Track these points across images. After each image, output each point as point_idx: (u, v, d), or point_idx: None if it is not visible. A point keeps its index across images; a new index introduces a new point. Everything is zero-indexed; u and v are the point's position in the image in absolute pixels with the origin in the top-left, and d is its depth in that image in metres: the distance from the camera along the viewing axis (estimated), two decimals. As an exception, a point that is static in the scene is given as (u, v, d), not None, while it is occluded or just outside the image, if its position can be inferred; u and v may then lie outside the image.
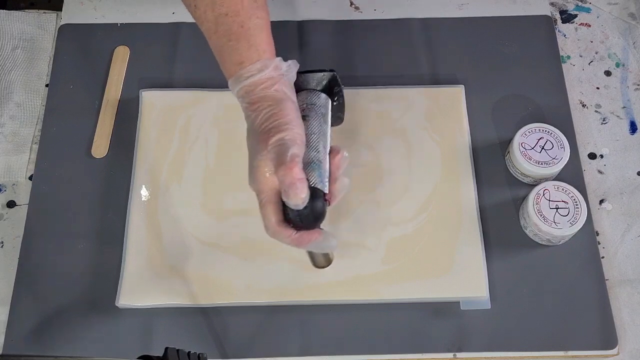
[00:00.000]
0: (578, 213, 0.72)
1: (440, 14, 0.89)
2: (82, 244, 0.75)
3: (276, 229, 0.60)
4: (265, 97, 0.61)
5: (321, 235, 0.61)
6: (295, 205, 0.58)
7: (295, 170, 0.57)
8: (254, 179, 0.61)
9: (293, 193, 0.57)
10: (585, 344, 0.70)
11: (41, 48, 0.87)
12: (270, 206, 0.60)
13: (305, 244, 0.61)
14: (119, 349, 0.70)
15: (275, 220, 0.60)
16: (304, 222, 0.60)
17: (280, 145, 0.59)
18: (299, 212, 0.59)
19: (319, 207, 0.60)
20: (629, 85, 0.85)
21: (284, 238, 0.60)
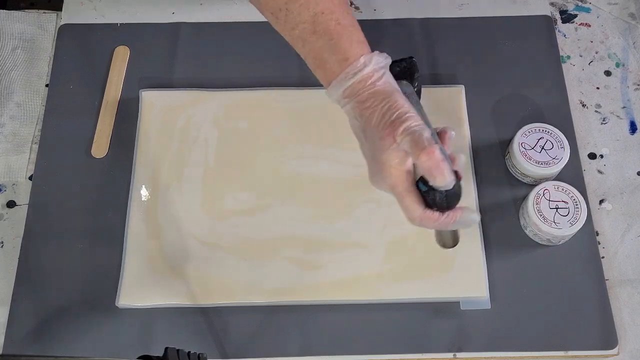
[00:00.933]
0: (578, 213, 0.72)
1: (440, 14, 0.89)
2: (82, 244, 0.75)
3: (424, 216, 0.59)
4: (376, 93, 0.60)
5: (464, 211, 0.60)
6: (445, 186, 0.58)
7: (437, 152, 0.56)
8: (385, 175, 0.60)
9: (441, 175, 0.57)
10: (585, 344, 0.70)
11: (41, 48, 0.87)
12: (411, 196, 0.59)
13: (453, 222, 0.60)
14: (119, 349, 0.70)
15: (421, 208, 0.59)
16: (450, 202, 0.59)
17: (411, 134, 0.58)
18: (447, 192, 0.58)
19: (459, 185, 0.59)
20: (629, 85, 0.85)
21: (432, 223, 0.60)
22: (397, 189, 0.60)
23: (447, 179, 0.57)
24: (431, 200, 0.59)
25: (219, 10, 0.89)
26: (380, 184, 0.61)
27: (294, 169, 0.78)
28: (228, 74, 0.84)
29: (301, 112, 0.81)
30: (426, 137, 0.57)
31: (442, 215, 0.59)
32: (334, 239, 0.74)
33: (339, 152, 0.78)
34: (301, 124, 0.80)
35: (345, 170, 0.77)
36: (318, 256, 0.73)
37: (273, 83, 0.83)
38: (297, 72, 0.84)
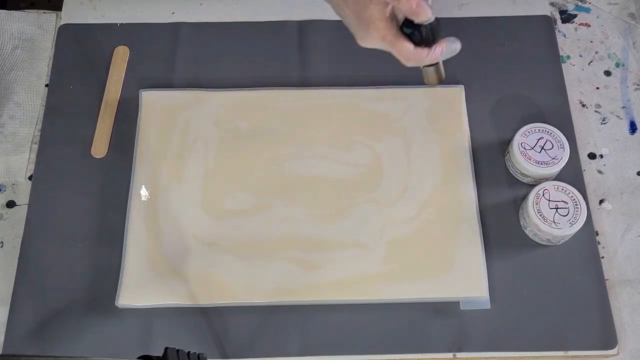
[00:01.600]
0: (578, 213, 0.72)
1: (440, 14, 0.88)
2: (82, 244, 0.75)
3: (416, 53, 0.64)
4: None
5: (447, 41, 0.65)
6: (427, 20, 0.63)
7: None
8: (372, 29, 0.64)
9: (423, 10, 0.62)
10: (585, 344, 0.70)
11: (41, 48, 0.87)
12: (401, 39, 0.63)
13: (440, 54, 0.65)
14: (119, 349, 0.70)
15: (412, 47, 0.64)
16: (434, 34, 0.64)
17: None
18: (431, 25, 0.63)
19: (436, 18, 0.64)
20: (629, 85, 0.85)
21: (424, 57, 0.64)
22: (387, 38, 0.63)
23: (429, 13, 0.62)
24: (418, 38, 0.64)
25: (219, 10, 0.89)
26: (370, 40, 0.65)
27: (294, 169, 0.78)
28: (228, 74, 0.84)
29: (301, 112, 0.81)
30: None
31: (431, 49, 0.64)
32: (334, 239, 0.74)
33: (339, 152, 0.78)
34: (301, 124, 0.80)
35: (345, 170, 0.77)
36: (318, 256, 0.73)
37: (273, 83, 0.83)
38: (297, 72, 0.84)
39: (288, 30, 0.87)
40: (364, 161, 0.78)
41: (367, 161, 0.78)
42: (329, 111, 0.81)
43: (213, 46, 0.86)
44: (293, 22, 0.88)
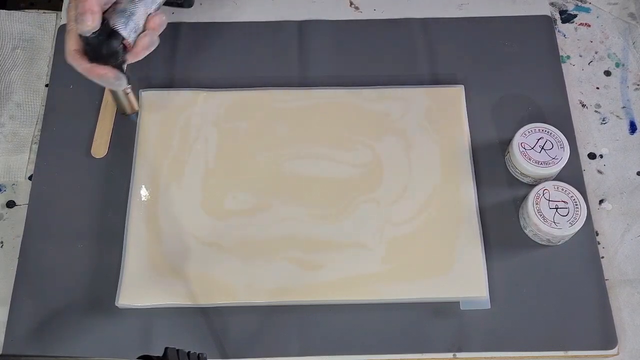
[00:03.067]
0: (578, 213, 0.72)
1: (440, 14, 0.89)
2: (82, 244, 0.75)
3: (73, 55, 0.65)
4: None
5: (112, 73, 0.66)
6: (82, 32, 0.63)
7: (89, 1, 0.62)
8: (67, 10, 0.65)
9: (80, 20, 0.62)
10: (585, 344, 0.70)
11: (41, 48, 0.87)
12: (73, 35, 0.65)
13: (94, 75, 0.66)
14: (119, 349, 0.70)
15: (74, 47, 0.65)
16: (94, 52, 0.65)
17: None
18: (88, 40, 0.64)
19: (112, 45, 0.65)
20: (629, 85, 0.85)
21: (77, 65, 0.66)
22: (69, 24, 0.65)
23: (84, 26, 0.62)
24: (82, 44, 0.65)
25: (219, 10, 0.89)
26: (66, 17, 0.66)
27: (294, 169, 0.78)
28: (228, 74, 0.84)
29: (301, 112, 0.81)
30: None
31: (87, 63, 0.65)
32: (334, 239, 0.74)
33: (339, 152, 0.78)
34: (301, 124, 0.80)
35: (345, 170, 0.77)
36: (318, 256, 0.73)
37: (273, 83, 0.83)
38: (297, 72, 0.84)
39: (288, 30, 0.87)
40: (364, 161, 0.78)
41: (367, 161, 0.78)
42: (329, 111, 0.81)
43: (213, 46, 0.86)
44: (293, 22, 0.88)
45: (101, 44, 0.65)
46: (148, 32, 0.67)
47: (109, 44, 0.65)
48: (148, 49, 0.68)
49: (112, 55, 0.66)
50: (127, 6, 0.66)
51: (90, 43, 0.65)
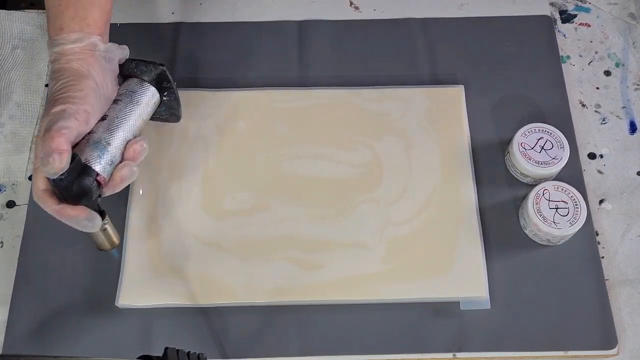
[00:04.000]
0: (578, 213, 0.72)
1: (440, 14, 0.89)
2: (82, 244, 0.75)
3: (40, 195, 0.60)
4: (67, 69, 0.62)
5: (84, 213, 0.59)
6: (48, 174, 0.58)
7: (56, 140, 0.57)
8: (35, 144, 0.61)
9: (45, 161, 0.56)
10: (585, 344, 0.70)
11: (41, 48, 0.87)
12: (39, 172, 0.59)
13: (64, 217, 0.59)
14: (119, 349, 0.70)
15: (42, 187, 0.59)
16: (64, 194, 0.59)
17: (56, 115, 0.59)
18: (55, 182, 0.58)
19: (84, 184, 0.59)
20: (629, 85, 0.85)
21: (45, 207, 0.60)
22: (36, 161, 0.59)
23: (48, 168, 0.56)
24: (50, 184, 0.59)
25: (219, 10, 0.89)
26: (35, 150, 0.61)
27: (293, 169, 0.78)
28: (228, 74, 0.84)
29: (301, 112, 0.81)
30: (60, 124, 0.58)
31: (57, 204, 0.59)
32: (334, 239, 0.74)
33: (339, 152, 0.78)
34: (301, 124, 0.80)
35: (345, 170, 0.77)
36: (317, 256, 0.73)
37: (273, 83, 0.83)
38: (297, 72, 0.84)
39: (288, 30, 0.87)
40: (364, 161, 0.78)
41: (367, 161, 0.78)
42: (329, 111, 0.81)
43: (213, 46, 0.86)
44: (293, 22, 0.88)
45: (71, 183, 0.58)
46: (126, 162, 0.62)
47: (80, 183, 0.58)
48: (126, 181, 0.62)
49: (84, 195, 0.59)
50: (102, 136, 0.61)
51: (57, 184, 0.58)
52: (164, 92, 0.68)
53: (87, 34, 0.63)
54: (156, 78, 0.67)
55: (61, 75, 0.62)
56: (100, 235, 0.64)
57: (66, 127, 0.58)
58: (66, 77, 0.62)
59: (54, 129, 0.58)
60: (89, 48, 0.63)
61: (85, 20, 0.64)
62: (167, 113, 0.71)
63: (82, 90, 0.61)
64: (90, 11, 0.64)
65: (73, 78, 0.62)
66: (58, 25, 0.64)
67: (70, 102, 0.60)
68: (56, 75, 0.62)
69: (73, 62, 0.63)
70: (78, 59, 0.63)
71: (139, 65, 0.67)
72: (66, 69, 0.62)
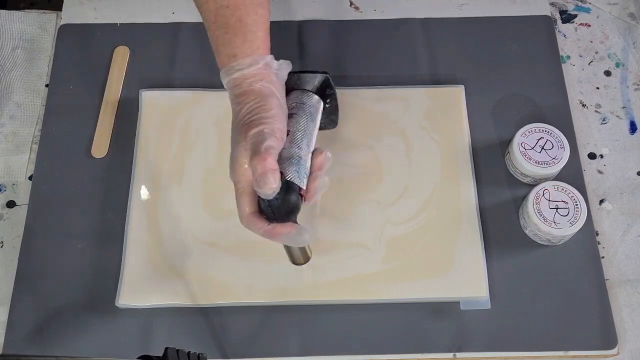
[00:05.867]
0: (578, 213, 0.72)
1: (440, 14, 0.89)
2: (82, 244, 0.75)
3: (250, 219, 0.61)
4: (251, 91, 0.63)
5: (294, 229, 0.60)
6: (266, 195, 0.59)
7: (268, 160, 0.58)
8: (232, 169, 0.62)
9: (263, 182, 0.58)
10: (585, 344, 0.70)
11: (41, 48, 0.87)
12: (246, 197, 0.61)
13: (277, 236, 0.61)
14: (119, 349, 0.70)
15: (250, 210, 0.61)
16: (275, 213, 0.60)
17: (257, 137, 0.60)
18: (270, 202, 0.59)
19: (292, 200, 0.60)
20: (629, 85, 0.85)
21: (256, 229, 0.61)
22: (238, 185, 0.61)
23: (268, 188, 0.58)
24: (260, 206, 0.60)
25: (219, 10, 0.89)
26: (230, 176, 0.63)
27: (294, 169, 0.78)
28: (228, 74, 0.84)
29: (301, 112, 0.81)
30: (266, 145, 0.59)
31: (268, 225, 0.60)
32: (334, 239, 0.74)
33: (339, 152, 0.78)
34: (301, 124, 0.80)
35: (345, 170, 0.77)
36: (318, 256, 0.73)
37: (273, 83, 0.83)
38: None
39: (288, 30, 0.87)
40: (364, 161, 0.78)
41: (367, 161, 0.78)
42: (329, 111, 0.81)
43: (213, 46, 0.86)
44: (293, 22, 0.88)
45: (282, 201, 0.59)
46: (316, 174, 0.63)
47: (289, 200, 0.59)
48: (320, 193, 0.63)
49: (292, 211, 0.60)
50: (293, 151, 0.62)
51: (272, 204, 0.59)
52: (327, 99, 0.69)
53: (259, 56, 0.64)
54: (320, 86, 0.68)
55: (246, 98, 0.63)
56: (297, 250, 0.64)
57: (271, 146, 0.59)
58: (252, 100, 0.62)
59: (262, 150, 0.58)
60: (265, 69, 0.64)
61: (255, 43, 0.64)
62: (326, 120, 0.71)
63: (271, 109, 0.62)
64: (257, 34, 0.65)
65: (259, 99, 0.62)
66: (230, 52, 0.64)
67: (264, 123, 0.60)
68: (241, 100, 0.63)
69: (254, 85, 0.63)
70: (259, 81, 0.63)
71: (301, 76, 0.68)
72: (250, 92, 0.63)
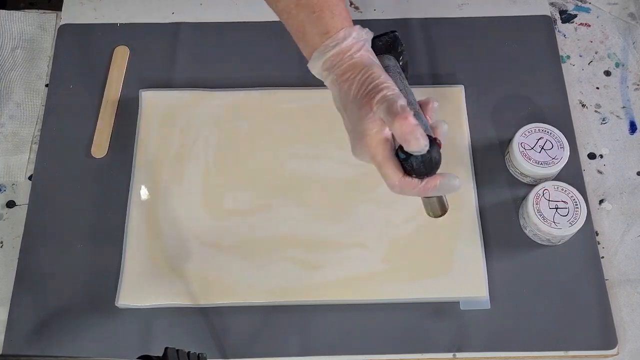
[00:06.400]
0: (578, 213, 0.72)
1: (440, 14, 0.89)
2: (82, 244, 0.75)
3: (403, 183, 0.60)
4: (355, 65, 0.62)
5: (445, 177, 0.60)
6: (419, 151, 0.58)
7: (410, 118, 0.57)
8: (364, 144, 0.60)
9: (415, 139, 0.58)
10: (585, 344, 0.70)
11: (41, 48, 0.87)
12: (390, 163, 0.60)
13: (433, 189, 0.60)
14: (119, 349, 0.70)
15: (400, 175, 0.60)
16: (427, 167, 0.60)
17: (386, 102, 0.59)
18: (423, 158, 0.59)
19: (437, 151, 0.60)
20: (629, 85, 0.85)
21: (412, 190, 0.60)
22: (377, 158, 0.60)
23: (421, 143, 0.58)
24: (409, 167, 0.60)
25: (219, 10, 0.89)
26: (362, 154, 0.62)
27: (293, 169, 0.78)
28: (228, 74, 0.84)
29: (301, 112, 0.81)
30: (400, 104, 0.58)
31: (422, 182, 0.60)
32: (334, 239, 0.74)
33: (339, 152, 0.78)
34: (301, 124, 0.80)
35: (345, 170, 0.77)
36: (318, 256, 0.73)
37: (273, 83, 0.83)
38: (297, 72, 0.84)
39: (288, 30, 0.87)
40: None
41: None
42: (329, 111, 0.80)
43: (213, 46, 0.86)
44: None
45: (432, 154, 0.59)
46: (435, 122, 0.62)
47: (435, 152, 0.59)
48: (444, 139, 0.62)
49: (439, 162, 0.60)
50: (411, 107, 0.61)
51: (424, 159, 0.59)
52: (400, 56, 0.69)
53: (350, 27, 0.63)
54: (392, 46, 0.68)
55: (353, 72, 0.61)
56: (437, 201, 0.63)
57: (405, 105, 0.59)
58: (360, 72, 0.61)
59: (399, 109, 0.58)
60: (357, 39, 0.63)
61: (343, 15, 0.64)
62: None
63: (381, 75, 0.61)
64: (340, 6, 0.64)
65: (366, 69, 0.61)
66: (322, 30, 0.63)
67: (384, 88, 0.60)
68: (347, 76, 0.62)
69: (355, 56, 0.62)
70: (357, 51, 0.62)
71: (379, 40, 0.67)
72: (354, 65, 0.62)
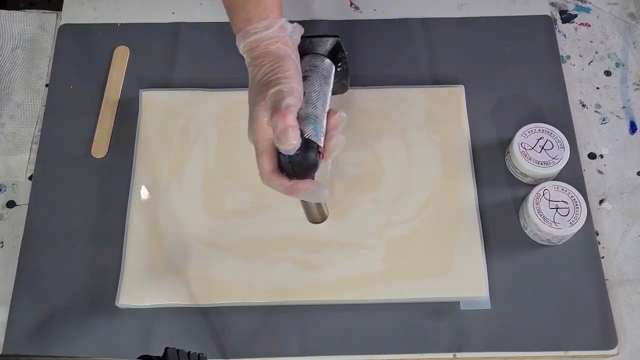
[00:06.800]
0: (578, 213, 0.72)
1: (440, 14, 0.89)
2: (82, 244, 0.75)
3: (270, 176, 0.62)
4: (268, 53, 0.64)
5: (314, 185, 0.62)
6: (286, 151, 0.60)
7: (288, 117, 0.59)
8: (251, 129, 0.62)
9: (284, 138, 0.59)
10: (585, 344, 0.70)
11: (41, 48, 0.87)
12: (266, 155, 0.62)
13: (297, 192, 0.62)
14: (119, 349, 0.70)
15: (270, 168, 0.62)
16: (295, 169, 0.61)
17: (277, 95, 0.61)
18: (291, 158, 0.61)
19: (311, 157, 0.61)
20: (629, 85, 0.85)
21: (277, 185, 0.62)
22: (257, 145, 0.62)
23: (290, 144, 0.59)
24: (281, 165, 0.61)
25: (219, 10, 0.88)
26: (249, 137, 0.63)
27: (294, 169, 0.78)
28: (228, 74, 0.84)
29: (301, 112, 0.81)
30: (287, 102, 0.60)
31: (288, 182, 0.62)
32: (334, 238, 0.74)
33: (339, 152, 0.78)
34: (301, 124, 0.80)
35: (345, 170, 0.77)
36: (318, 256, 0.73)
37: (273, 83, 0.83)
38: (297, 72, 0.84)
39: (288, 30, 0.87)
40: (364, 161, 0.78)
41: (367, 161, 0.78)
42: (329, 111, 0.81)
43: (213, 46, 0.86)
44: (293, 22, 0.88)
45: (302, 158, 0.60)
46: (332, 133, 0.64)
47: (308, 157, 0.61)
48: (336, 151, 0.64)
49: (311, 168, 0.62)
50: (308, 111, 0.63)
51: (292, 160, 0.61)
52: (338, 62, 0.70)
53: (274, 19, 0.66)
54: (331, 50, 0.69)
55: (263, 60, 0.64)
56: (315, 207, 0.65)
57: (291, 104, 0.60)
58: (269, 62, 0.64)
59: (282, 107, 0.60)
60: (280, 31, 0.65)
61: (269, 7, 0.66)
62: (337, 84, 0.72)
63: (288, 70, 0.63)
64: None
65: (276, 61, 0.63)
66: (245, 17, 0.66)
67: (282, 82, 0.62)
68: (258, 62, 0.64)
69: (271, 47, 0.64)
70: (274, 43, 0.65)
71: (313, 40, 0.69)
72: (266, 54, 0.64)
